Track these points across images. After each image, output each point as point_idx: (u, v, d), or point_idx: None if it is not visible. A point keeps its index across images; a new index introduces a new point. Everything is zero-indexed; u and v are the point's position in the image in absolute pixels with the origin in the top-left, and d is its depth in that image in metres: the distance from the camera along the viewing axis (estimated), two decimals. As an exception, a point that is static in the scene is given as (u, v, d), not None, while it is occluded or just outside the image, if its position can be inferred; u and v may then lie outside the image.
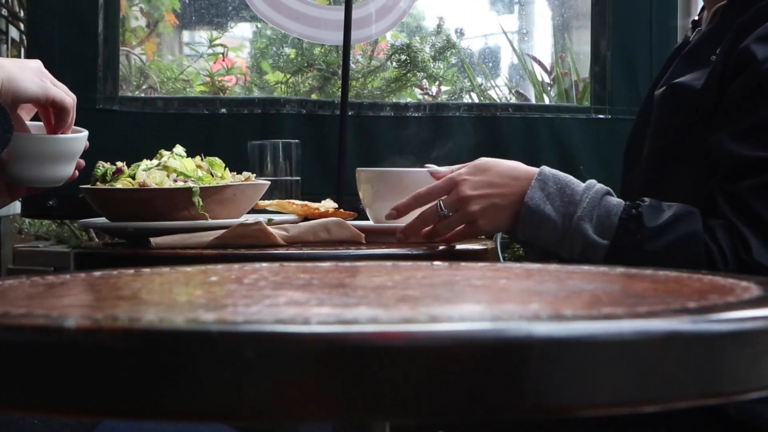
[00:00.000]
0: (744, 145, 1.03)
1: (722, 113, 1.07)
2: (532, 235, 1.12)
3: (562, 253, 1.10)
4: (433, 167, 1.18)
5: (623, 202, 1.08)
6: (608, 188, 1.11)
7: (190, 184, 1.29)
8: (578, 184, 1.11)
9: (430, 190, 1.16)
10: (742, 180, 1.03)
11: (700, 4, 1.19)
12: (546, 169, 1.12)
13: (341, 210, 1.37)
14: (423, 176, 1.32)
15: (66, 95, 1.11)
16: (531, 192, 1.09)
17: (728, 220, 1.01)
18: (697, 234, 1.01)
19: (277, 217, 1.36)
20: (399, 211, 1.19)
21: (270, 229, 1.23)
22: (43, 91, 1.09)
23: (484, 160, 1.15)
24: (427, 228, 1.18)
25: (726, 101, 1.07)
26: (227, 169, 1.38)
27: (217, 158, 1.39)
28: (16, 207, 2.33)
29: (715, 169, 1.06)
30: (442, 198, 1.14)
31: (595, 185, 1.11)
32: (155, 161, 1.35)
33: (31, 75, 1.09)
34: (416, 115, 2.35)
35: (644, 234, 1.03)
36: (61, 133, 1.15)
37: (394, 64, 2.82)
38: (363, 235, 1.26)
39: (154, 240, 1.22)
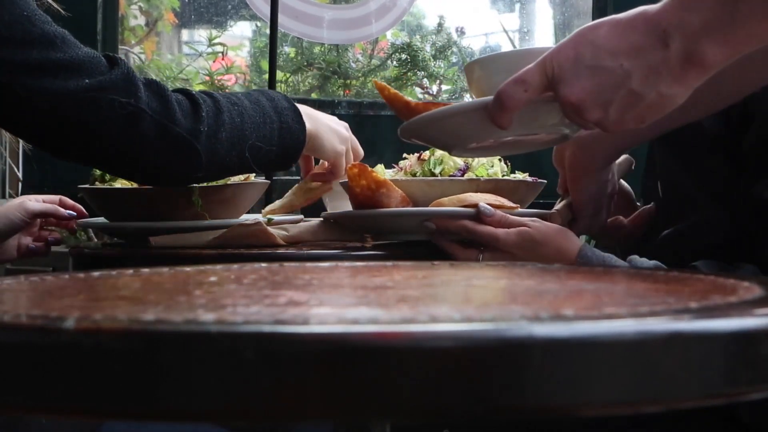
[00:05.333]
0: None
1: (750, 162, 1.08)
2: None
3: None
4: (485, 207, 1.15)
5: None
6: (656, 262, 1.09)
7: (189, 183, 1.28)
8: (623, 264, 1.10)
9: (477, 233, 1.14)
10: None
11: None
12: (586, 248, 1.12)
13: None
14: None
15: (343, 171, 1.31)
16: None
17: None
18: None
19: (277, 217, 1.35)
20: (437, 227, 1.17)
21: (270, 229, 1.23)
22: (335, 158, 1.30)
23: (531, 235, 1.14)
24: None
25: (751, 149, 1.07)
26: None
27: (216, 158, 1.38)
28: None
29: (756, 218, 1.06)
30: (484, 254, 1.15)
31: (641, 262, 1.09)
32: (154, 160, 1.35)
33: (333, 137, 1.29)
34: (416, 114, 2.35)
35: None
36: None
37: (395, 62, 2.82)
38: (370, 237, 1.25)
39: (153, 239, 1.22)
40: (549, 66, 0.81)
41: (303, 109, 1.26)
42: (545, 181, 1.32)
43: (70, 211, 1.45)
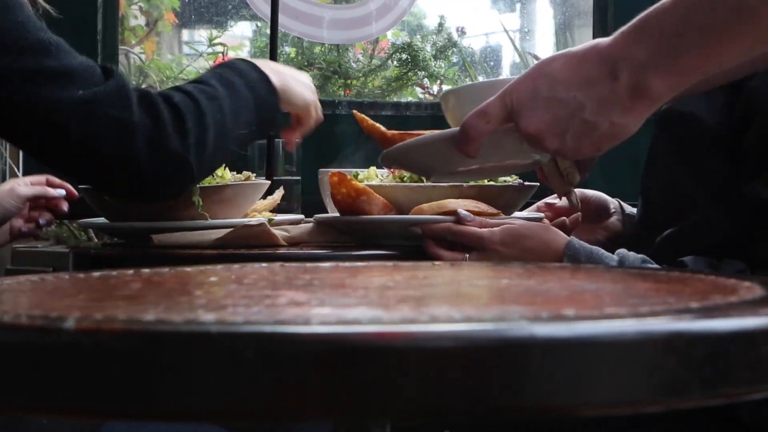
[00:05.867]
0: None
1: (749, 161, 1.07)
2: None
3: None
4: (465, 213, 1.18)
5: (660, 268, 1.07)
6: (643, 256, 1.10)
7: (190, 183, 1.28)
8: (611, 258, 1.10)
9: (461, 234, 1.16)
10: None
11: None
12: (574, 241, 1.13)
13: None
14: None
15: (312, 121, 1.32)
16: None
17: None
18: None
19: (277, 217, 1.36)
20: (423, 231, 1.19)
21: (272, 230, 1.23)
22: (304, 106, 1.28)
23: (515, 229, 1.15)
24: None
25: (750, 148, 1.07)
26: (227, 168, 1.38)
27: (217, 158, 1.38)
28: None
29: (753, 217, 1.06)
30: (470, 254, 1.16)
31: (629, 256, 1.10)
32: (155, 160, 1.34)
33: (302, 89, 1.27)
34: (417, 114, 2.35)
35: None
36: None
37: (395, 62, 2.82)
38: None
39: (156, 237, 1.22)
40: (508, 99, 0.85)
41: (267, 65, 1.24)
42: (537, 185, 1.32)
43: (59, 190, 1.44)
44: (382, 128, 1.12)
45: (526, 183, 1.32)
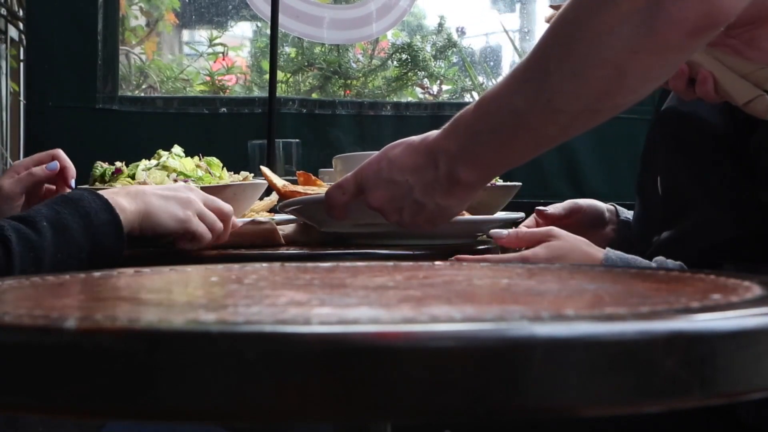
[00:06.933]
0: None
1: (761, 167, 1.06)
2: None
3: None
4: (498, 232, 1.19)
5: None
6: (680, 263, 1.09)
7: (191, 183, 1.29)
8: (649, 265, 1.09)
9: (503, 261, 1.16)
10: None
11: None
12: (610, 252, 1.13)
13: None
14: None
15: (206, 232, 1.13)
16: None
17: None
18: None
19: (277, 217, 1.36)
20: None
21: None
22: (181, 226, 1.10)
23: (558, 244, 1.15)
24: None
25: (761, 152, 1.06)
26: (224, 168, 1.38)
27: (214, 158, 1.39)
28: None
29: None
30: None
31: (666, 263, 1.09)
32: (154, 161, 1.35)
33: (174, 208, 1.10)
34: (417, 114, 2.35)
35: None
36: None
37: (395, 63, 2.82)
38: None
39: None
40: (359, 176, 0.99)
41: (129, 189, 1.11)
42: (519, 184, 1.32)
43: (50, 164, 1.24)
44: (279, 185, 1.30)
45: (507, 183, 1.32)
